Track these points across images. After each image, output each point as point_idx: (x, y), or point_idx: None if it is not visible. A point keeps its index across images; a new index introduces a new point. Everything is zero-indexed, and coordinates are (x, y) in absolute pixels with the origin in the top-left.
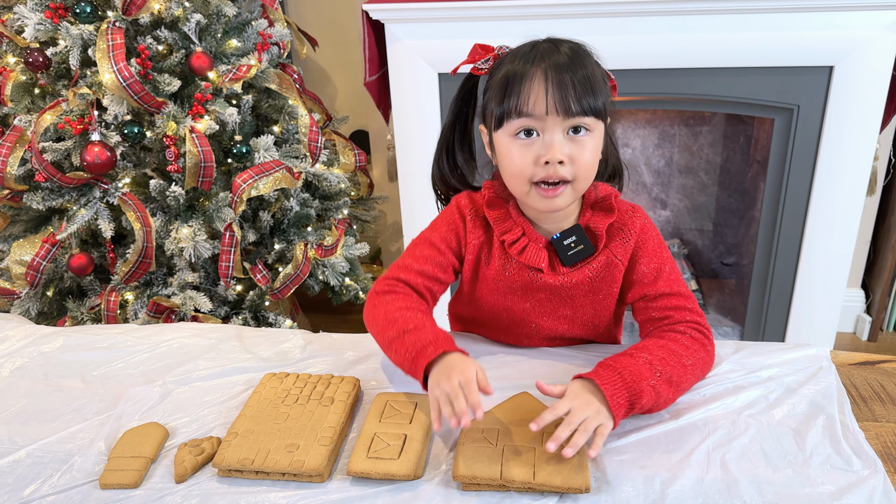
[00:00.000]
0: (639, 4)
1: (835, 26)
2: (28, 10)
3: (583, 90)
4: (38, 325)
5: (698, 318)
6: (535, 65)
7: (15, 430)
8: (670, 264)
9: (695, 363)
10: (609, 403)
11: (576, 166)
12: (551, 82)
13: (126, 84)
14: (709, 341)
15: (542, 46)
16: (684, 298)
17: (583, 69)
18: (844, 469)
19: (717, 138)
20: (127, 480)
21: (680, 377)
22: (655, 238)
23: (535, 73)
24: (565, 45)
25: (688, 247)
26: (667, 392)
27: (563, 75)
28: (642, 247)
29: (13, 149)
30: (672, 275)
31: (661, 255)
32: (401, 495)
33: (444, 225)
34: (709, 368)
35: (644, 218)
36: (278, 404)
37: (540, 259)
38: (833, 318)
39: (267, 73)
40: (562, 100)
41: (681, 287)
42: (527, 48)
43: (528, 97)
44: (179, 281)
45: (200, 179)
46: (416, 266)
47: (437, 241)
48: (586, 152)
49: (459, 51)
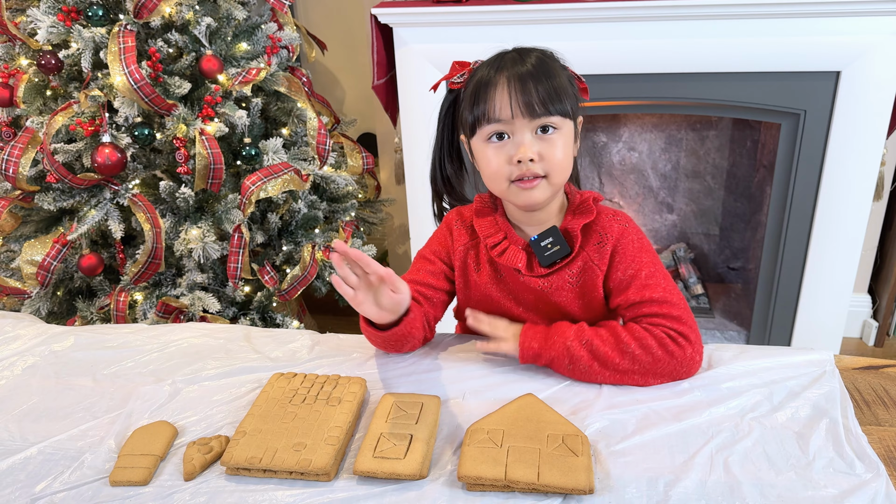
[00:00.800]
0: (645, 9)
1: (842, 32)
2: (41, 12)
3: (545, 92)
4: (49, 325)
5: (674, 323)
6: (499, 72)
7: (27, 428)
8: (649, 270)
9: (640, 355)
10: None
11: (546, 163)
12: (514, 87)
13: (137, 86)
14: (677, 346)
15: (508, 56)
16: (659, 305)
17: (545, 73)
18: (847, 472)
19: (723, 143)
20: (136, 478)
21: (608, 356)
22: (634, 243)
23: (499, 80)
24: (530, 53)
25: (694, 251)
26: (586, 359)
27: (525, 80)
28: (618, 252)
29: (25, 150)
30: (650, 280)
31: (638, 261)
32: (406, 495)
33: (435, 240)
34: (671, 370)
35: (625, 222)
36: (286, 404)
37: (517, 259)
38: (839, 323)
39: (276, 77)
40: (526, 103)
41: (657, 293)
42: (494, 59)
43: (495, 103)
44: (188, 282)
45: (210, 181)
46: (409, 277)
47: (428, 254)
48: (555, 149)
49: (466, 54)
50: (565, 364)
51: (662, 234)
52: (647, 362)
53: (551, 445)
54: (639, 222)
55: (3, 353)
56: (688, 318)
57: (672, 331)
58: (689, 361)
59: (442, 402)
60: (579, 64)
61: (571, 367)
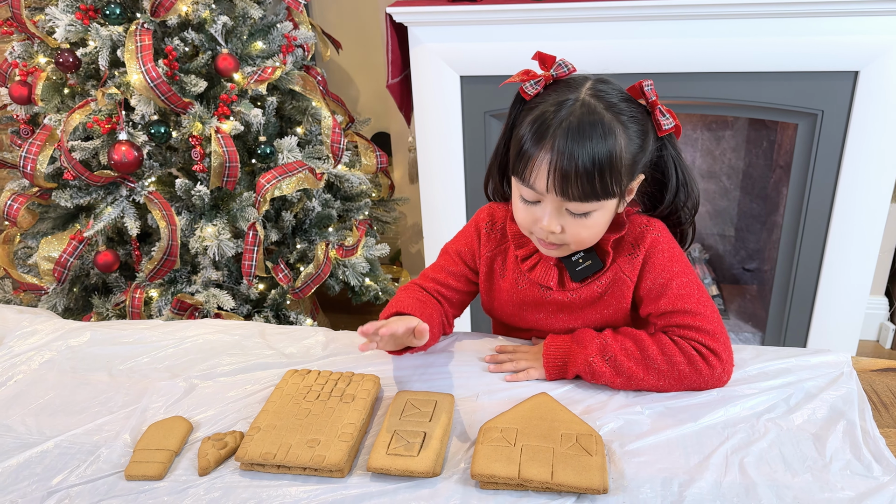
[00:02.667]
0: (661, 8)
1: (860, 31)
2: (59, 11)
3: (589, 186)
4: (66, 320)
5: (705, 337)
6: (546, 141)
7: (44, 422)
8: (680, 280)
9: (665, 371)
10: (544, 360)
11: (569, 236)
12: (556, 166)
13: (153, 84)
14: (705, 364)
15: (560, 117)
16: (691, 316)
17: (598, 159)
18: (864, 475)
19: (739, 143)
20: (151, 472)
21: (632, 371)
22: (666, 252)
23: (544, 147)
24: (588, 117)
25: (709, 252)
26: (609, 375)
27: (569, 160)
28: (649, 261)
29: (43, 147)
30: (682, 290)
31: (669, 270)
32: (420, 492)
33: (462, 239)
34: (699, 385)
35: (658, 232)
36: (300, 400)
37: (549, 277)
38: (856, 326)
39: (291, 75)
40: (562, 184)
41: (689, 304)
42: (550, 109)
43: (532, 172)
44: (203, 279)
45: (225, 179)
46: (431, 274)
47: (453, 252)
48: (583, 229)
49: (482, 54)
50: (588, 378)
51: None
52: (672, 378)
53: (565, 444)
54: None
55: (21, 347)
56: (720, 332)
57: (703, 346)
58: (716, 379)
59: (455, 400)
60: (595, 63)
61: (595, 379)
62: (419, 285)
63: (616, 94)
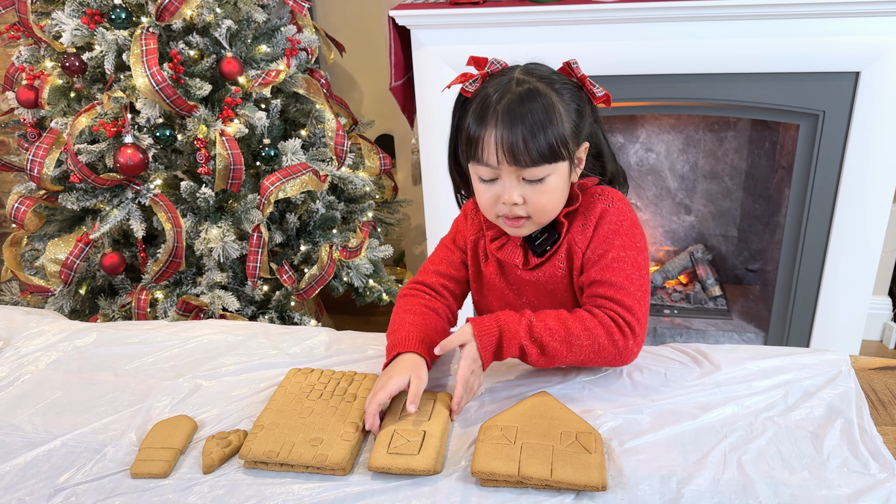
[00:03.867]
0: (662, 10)
1: (861, 32)
2: (65, 15)
3: (535, 148)
4: (72, 321)
5: (623, 311)
6: (490, 117)
7: (50, 421)
8: (617, 252)
9: (586, 345)
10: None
11: (531, 206)
12: (504, 137)
13: (159, 88)
14: (620, 334)
15: (507, 97)
16: (614, 289)
17: (539, 123)
18: (861, 472)
19: (742, 144)
20: (157, 470)
21: (556, 351)
22: (613, 224)
23: (490, 125)
24: (531, 92)
25: (712, 252)
26: (536, 356)
27: (515, 131)
28: (596, 231)
29: (50, 150)
30: (614, 263)
31: (609, 242)
32: (420, 489)
33: (454, 227)
34: (612, 359)
35: (610, 202)
36: (303, 399)
37: (515, 255)
38: (859, 326)
39: (295, 78)
40: (513, 154)
41: (616, 276)
42: (490, 91)
43: (484, 150)
44: (208, 280)
45: (230, 182)
46: (432, 267)
47: (448, 241)
48: (542, 195)
49: (484, 55)
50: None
51: (680, 235)
52: (592, 351)
53: (565, 442)
54: (656, 223)
55: (28, 348)
56: (638, 309)
57: (620, 318)
58: (627, 352)
59: None
60: (596, 65)
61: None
62: (422, 283)
63: (547, 70)
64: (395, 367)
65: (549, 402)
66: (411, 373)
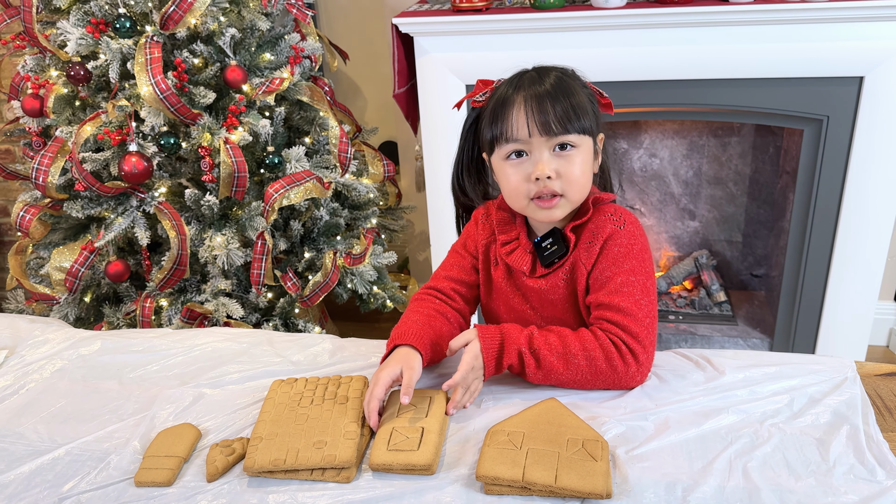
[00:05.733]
0: (665, 16)
1: (865, 37)
2: (70, 25)
3: (563, 111)
4: (77, 329)
5: (628, 337)
6: (517, 92)
7: (55, 429)
8: (625, 277)
9: (583, 365)
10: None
11: (564, 180)
12: (532, 107)
13: (163, 96)
14: (621, 359)
15: (527, 76)
16: (622, 315)
17: (563, 93)
18: (868, 479)
19: (746, 149)
20: (161, 479)
21: (552, 365)
22: (622, 246)
23: (517, 99)
24: (549, 72)
25: (717, 258)
26: (533, 368)
27: (543, 100)
28: (603, 251)
29: (55, 159)
30: (623, 287)
31: (618, 264)
32: (425, 497)
33: (465, 233)
34: (610, 382)
35: (621, 224)
36: (295, 407)
37: (523, 262)
38: (865, 331)
39: (299, 86)
40: (543, 122)
41: (624, 302)
42: (514, 78)
43: (513, 123)
44: (212, 288)
45: (234, 189)
46: (443, 273)
47: (459, 247)
48: (574, 166)
49: (487, 63)
50: (517, 370)
51: (685, 240)
52: (589, 373)
53: (571, 449)
54: (660, 229)
55: (33, 356)
56: (645, 337)
57: (623, 344)
58: (628, 378)
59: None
60: (600, 71)
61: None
62: (434, 288)
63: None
64: (389, 360)
65: (558, 409)
66: (403, 364)
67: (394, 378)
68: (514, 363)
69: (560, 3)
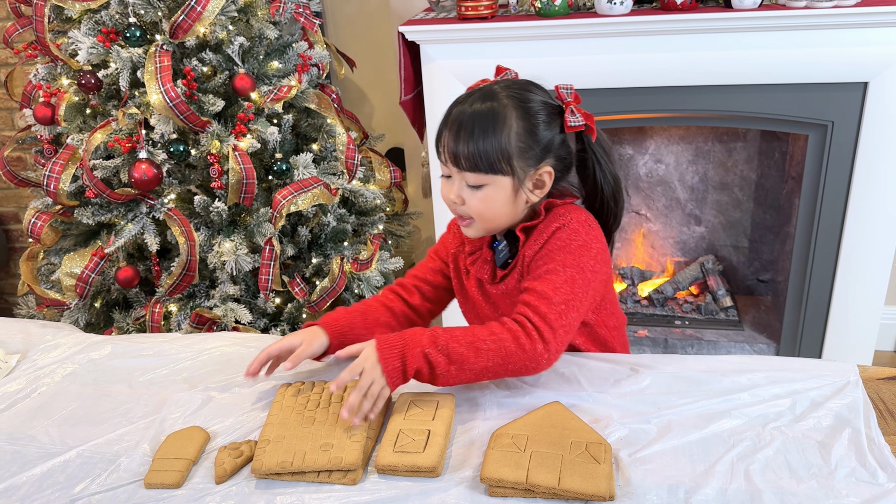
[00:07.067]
0: (670, 23)
1: (869, 42)
2: (81, 34)
3: (471, 153)
4: (87, 334)
5: (536, 316)
6: (446, 119)
7: (66, 432)
8: (555, 266)
9: (493, 349)
10: (382, 367)
11: (468, 209)
12: (450, 139)
13: (172, 104)
14: (526, 336)
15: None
16: (538, 297)
17: (483, 130)
18: (869, 482)
19: (751, 154)
20: (170, 481)
21: (463, 356)
22: (562, 240)
23: (444, 126)
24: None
25: (723, 263)
26: (444, 365)
27: (459, 135)
28: (545, 247)
29: (66, 166)
30: (549, 275)
31: (552, 256)
32: (430, 499)
33: (440, 240)
34: (521, 363)
35: (566, 222)
36: (302, 411)
37: (483, 271)
38: (871, 336)
39: (307, 94)
40: (454, 157)
41: (544, 287)
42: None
43: (440, 148)
44: (221, 293)
45: (242, 196)
46: (413, 271)
47: (432, 251)
48: (478, 201)
49: (493, 70)
50: (426, 372)
51: (690, 245)
52: (500, 355)
53: (574, 452)
54: (666, 234)
55: (44, 360)
56: (555, 320)
57: (529, 322)
58: (536, 356)
59: (467, 409)
60: (605, 77)
61: (431, 373)
62: (398, 284)
63: (532, 88)
64: (299, 331)
65: (562, 412)
66: (305, 337)
67: (292, 347)
68: (422, 366)
69: (565, 11)
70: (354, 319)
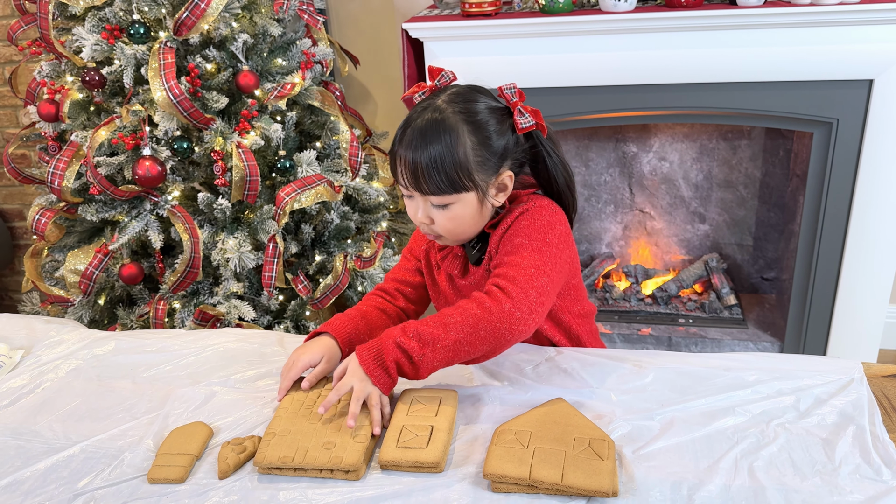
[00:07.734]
0: (674, 20)
1: (874, 40)
2: (86, 31)
3: (431, 172)
4: (91, 330)
5: (502, 280)
6: (400, 141)
7: (70, 427)
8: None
9: (460, 320)
10: (370, 377)
11: (439, 228)
12: (406, 167)
13: (176, 101)
14: (493, 300)
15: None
16: (508, 266)
17: (436, 149)
18: (874, 479)
19: (756, 152)
20: (173, 476)
21: (434, 335)
22: (525, 220)
23: (400, 149)
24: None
25: (727, 261)
26: (419, 350)
27: (415, 158)
28: (510, 229)
29: (70, 163)
30: (517, 250)
31: (519, 234)
32: (433, 495)
33: (411, 238)
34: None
35: (529, 207)
36: (311, 406)
37: (454, 266)
38: (875, 335)
39: (310, 91)
40: (414, 183)
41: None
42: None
43: (397, 171)
44: (224, 290)
45: (246, 193)
46: (390, 275)
47: (406, 251)
48: (447, 220)
49: (497, 67)
50: (406, 363)
51: (695, 243)
52: (469, 325)
53: (577, 448)
54: (670, 232)
55: (49, 356)
56: (525, 281)
57: (496, 288)
58: (505, 315)
59: (470, 405)
60: (609, 75)
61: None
62: (380, 288)
63: (476, 97)
64: (312, 345)
65: (565, 409)
66: (326, 354)
67: (312, 364)
68: (398, 356)
69: (569, 8)
70: (358, 325)
